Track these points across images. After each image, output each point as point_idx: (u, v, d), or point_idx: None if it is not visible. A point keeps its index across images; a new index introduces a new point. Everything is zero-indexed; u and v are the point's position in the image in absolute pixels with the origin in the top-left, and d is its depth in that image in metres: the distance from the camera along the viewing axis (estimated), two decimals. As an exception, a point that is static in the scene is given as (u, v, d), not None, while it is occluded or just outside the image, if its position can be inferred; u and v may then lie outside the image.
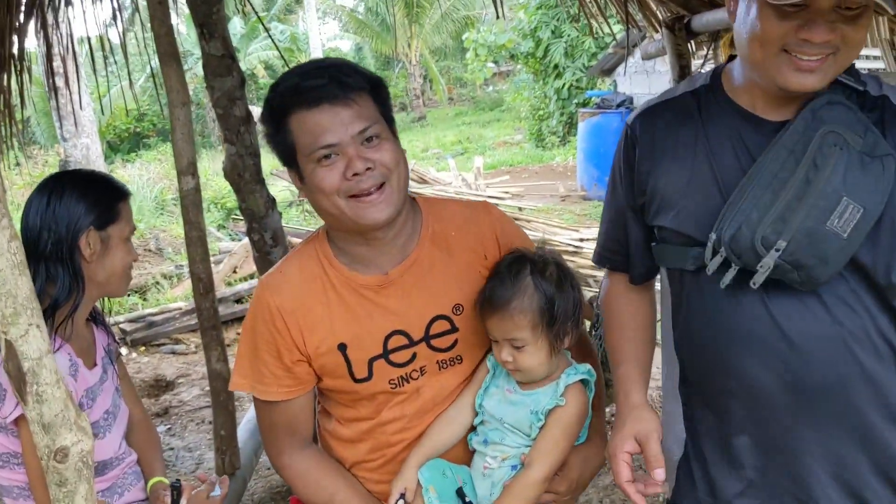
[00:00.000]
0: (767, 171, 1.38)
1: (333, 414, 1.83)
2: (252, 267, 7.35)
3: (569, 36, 16.29)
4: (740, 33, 1.42)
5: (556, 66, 16.78)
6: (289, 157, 1.62)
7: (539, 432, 1.71)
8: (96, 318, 2.09)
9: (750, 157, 1.45)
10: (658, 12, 4.26)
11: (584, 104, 14.60)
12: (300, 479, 1.78)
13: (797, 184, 1.35)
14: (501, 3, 4.24)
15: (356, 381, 1.71)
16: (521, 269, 1.69)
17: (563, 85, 16.76)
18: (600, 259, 1.79)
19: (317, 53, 23.20)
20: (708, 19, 3.68)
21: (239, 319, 6.47)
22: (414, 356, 1.72)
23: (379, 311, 1.69)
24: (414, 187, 8.48)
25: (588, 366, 1.76)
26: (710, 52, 4.15)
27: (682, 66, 3.96)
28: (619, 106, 11.70)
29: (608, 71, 13.14)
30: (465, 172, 11.54)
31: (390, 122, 1.65)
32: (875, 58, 3.70)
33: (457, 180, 10.27)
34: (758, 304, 1.46)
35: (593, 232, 7.97)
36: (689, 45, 4.00)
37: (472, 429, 1.79)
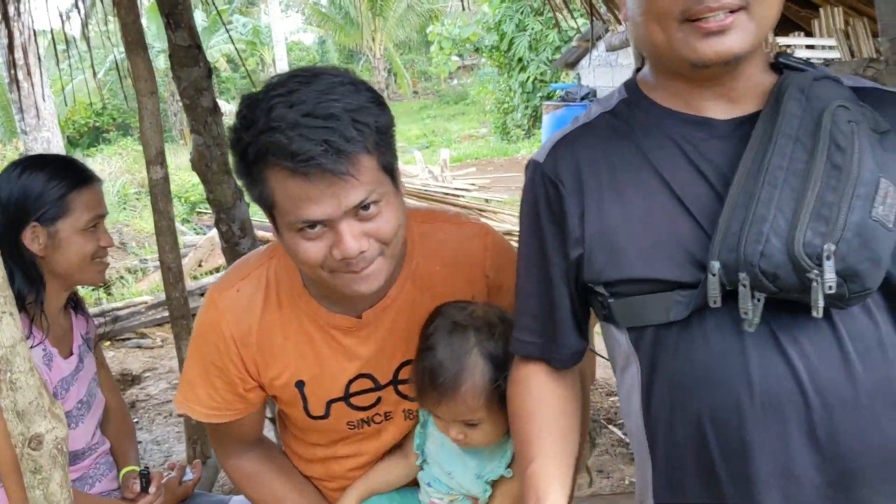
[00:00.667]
0: (774, 167, 1.09)
1: (290, 429, 1.73)
2: (217, 260, 7.31)
3: (533, 29, 16.37)
4: (636, 23, 1.18)
5: (520, 60, 16.85)
6: (262, 204, 1.33)
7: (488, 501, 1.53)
8: (76, 306, 2.07)
9: (712, 165, 1.17)
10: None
11: (549, 97, 14.72)
12: (248, 481, 1.69)
13: (824, 172, 1.07)
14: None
15: (311, 417, 1.59)
16: (463, 340, 1.42)
17: (528, 78, 16.84)
18: (517, 345, 1.36)
19: (280, 47, 23.02)
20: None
21: (205, 313, 6.43)
22: (379, 400, 1.58)
23: (345, 354, 1.53)
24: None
25: None
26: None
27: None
28: (583, 99, 11.88)
29: (572, 64, 13.25)
30: (432, 165, 11.57)
31: (393, 166, 1.35)
32: (830, 48, 3.78)
33: (423, 173, 10.30)
34: (771, 349, 1.12)
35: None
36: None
37: None
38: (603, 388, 4.55)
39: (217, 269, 7.37)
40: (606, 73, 11.92)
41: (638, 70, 1.31)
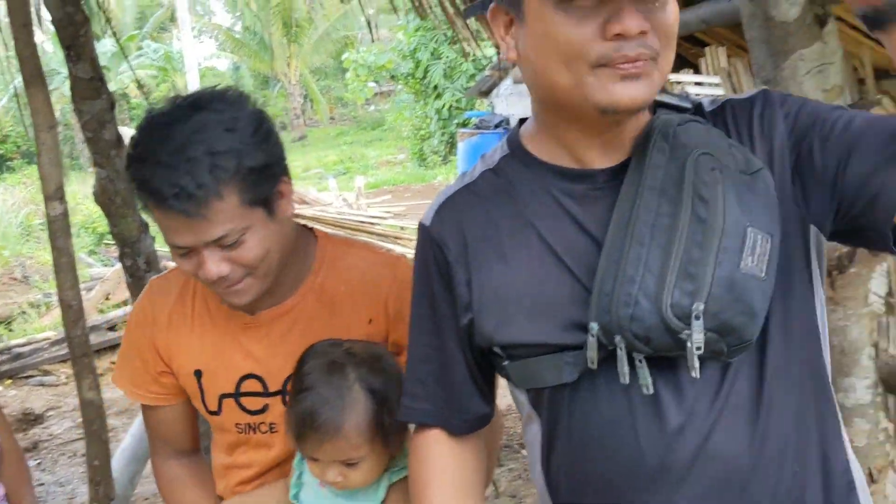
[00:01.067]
0: (641, 223, 1.05)
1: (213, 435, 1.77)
2: (126, 293, 7.13)
3: (447, 57, 16.59)
4: (533, 64, 1.09)
5: (435, 87, 17.06)
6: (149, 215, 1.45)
7: None
8: None
9: (594, 219, 1.12)
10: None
11: (465, 124, 14.93)
12: (165, 486, 1.74)
13: (689, 226, 1.03)
14: (375, 26, 4.33)
15: (208, 411, 1.64)
16: (342, 376, 1.41)
17: (444, 105, 17.05)
18: (409, 413, 1.29)
19: (192, 73, 22.67)
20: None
21: (113, 348, 6.26)
22: (266, 407, 1.59)
23: (240, 349, 1.58)
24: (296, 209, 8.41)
25: None
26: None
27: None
28: (496, 126, 12.11)
29: (485, 92, 13.48)
30: (348, 192, 11.57)
31: (267, 198, 1.39)
32: (715, 85, 3.96)
33: (338, 200, 10.28)
34: (658, 410, 1.09)
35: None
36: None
37: None
38: (517, 414, 4.62)
39: (125, 303, 7.18)
40: (519, 101, 12.18)
41: (521, 123, 1.26)
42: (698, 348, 1.00)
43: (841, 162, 1.06)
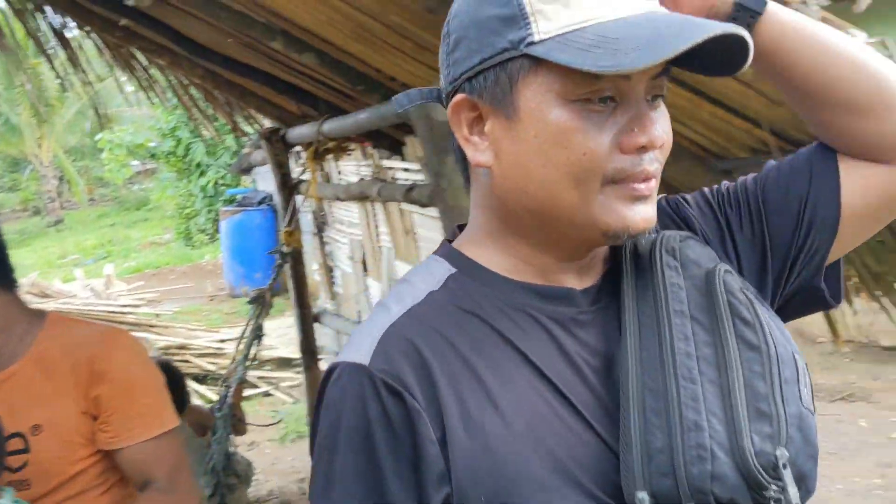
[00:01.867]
0: (683, 356, 0.84)
1: None
2: None
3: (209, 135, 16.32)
4: (525, 174, 0.86)
5: (198, 165, 16.67)
6: None
7: None
8: None
9: (589, 351, 0.90)
10: (265, 122, 4.50)
11: (231, 201, 14.70)
12: None
13: (739, 356, 0.84)
14: (105, 114, 4.21)
15: None
16: None
17: (208, 182, 16.67)
18: None
19: (-77, 157, 20.60)
20: (301, 132, 3.88)
21: None
22: None
23: None
24: (36, 303, 7.84)
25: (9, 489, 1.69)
26: (304, 161, 4.46)
27: (283, 174, 4.22)
28: (260, 203, 12.03)
29: (247, 170, 13.34)
30: (97, 279, 10.93)
31: None
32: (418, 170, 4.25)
33: (84, 291, 9.67)
34: None
35: (235, 332, 7.93)
36: (287, 155, 4.27)
37: None
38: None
39: None
40: (281, 177, 12.25)
41: (449, 240, 1.01)
42: (778, 501, 0.80)
43: (762, 220, 0.99)
